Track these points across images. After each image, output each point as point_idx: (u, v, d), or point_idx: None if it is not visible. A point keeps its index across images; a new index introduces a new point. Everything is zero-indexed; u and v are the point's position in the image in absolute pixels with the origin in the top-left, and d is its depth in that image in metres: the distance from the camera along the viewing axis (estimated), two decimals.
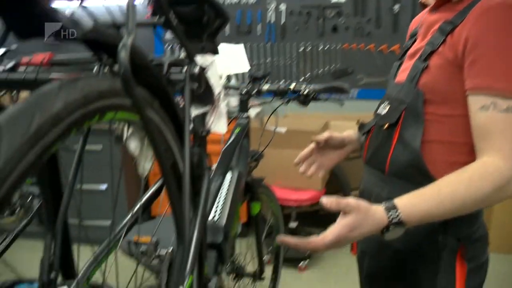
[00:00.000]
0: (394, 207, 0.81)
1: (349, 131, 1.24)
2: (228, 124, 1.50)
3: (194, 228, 0.79)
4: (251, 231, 1.81)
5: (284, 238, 0.84)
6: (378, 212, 0.81)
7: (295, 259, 2.83)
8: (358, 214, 0.80)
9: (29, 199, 1.64)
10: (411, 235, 0.94)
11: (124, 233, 0.79)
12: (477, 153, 0.87)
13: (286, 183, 2.75)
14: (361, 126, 1.22)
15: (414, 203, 0.83)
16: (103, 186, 2.91)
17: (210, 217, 1.13)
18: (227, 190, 1.20)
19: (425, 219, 0.83)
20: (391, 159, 0.99)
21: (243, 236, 1.96)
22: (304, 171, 1.22)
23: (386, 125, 1.01)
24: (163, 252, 1.07)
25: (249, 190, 1.48)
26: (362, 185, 1.14)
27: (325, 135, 1.20)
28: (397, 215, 0.80)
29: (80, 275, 0.70)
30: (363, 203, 0.81)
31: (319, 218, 2.87)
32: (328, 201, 0.80)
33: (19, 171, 0.37)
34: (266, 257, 1.84)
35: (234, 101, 2.02)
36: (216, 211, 1.16)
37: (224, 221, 1.15)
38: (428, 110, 0.94)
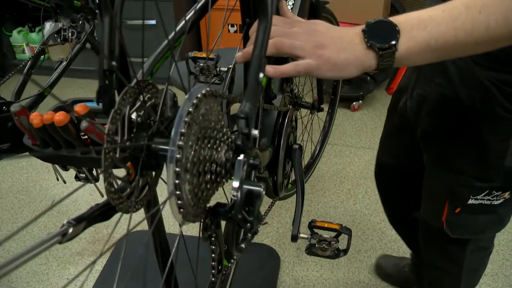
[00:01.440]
0: None
1: None
2: None
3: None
4: None
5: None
6: None
7: (349, 98, 2.77)
8: None
9: (80, 23, 1.57)
10: (484, 91, 0.81)
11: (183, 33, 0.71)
12: None
13: (344, 17, 2.55)
14: None
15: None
16: (152, 22, 2.81)
17: None
18: (294, 0, 1.08)
19: (428, 27, 0.58)
20: None
21: None
22: None
23: None
24: (223, 68, 1.00)
25: (313, 11, 1.34)
26: None
27: None
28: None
29: (142, 71, 0.63)
30: None
31: None
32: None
33: None
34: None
35: None
36: None
37: None
38: None
